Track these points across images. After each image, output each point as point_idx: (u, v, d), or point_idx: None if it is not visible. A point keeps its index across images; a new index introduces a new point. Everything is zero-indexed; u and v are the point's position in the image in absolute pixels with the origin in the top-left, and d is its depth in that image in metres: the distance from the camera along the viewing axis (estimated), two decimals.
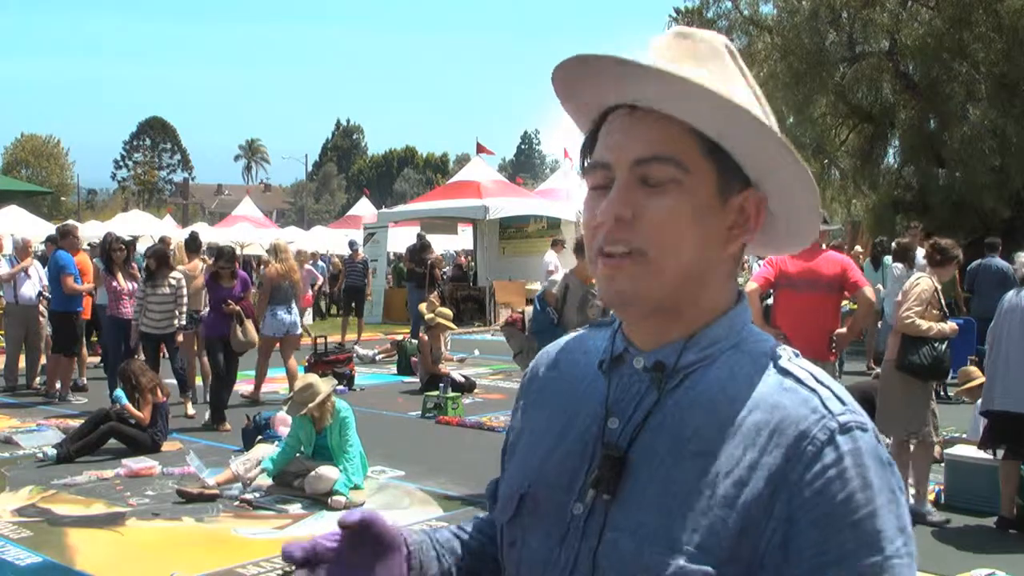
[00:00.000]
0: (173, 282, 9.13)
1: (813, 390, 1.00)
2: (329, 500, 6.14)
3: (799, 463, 0.95)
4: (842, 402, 1.00)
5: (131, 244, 10.69)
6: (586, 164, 1.08)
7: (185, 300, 9.26)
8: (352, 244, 18.01)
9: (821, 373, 1.04)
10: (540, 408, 1.17)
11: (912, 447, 6.06)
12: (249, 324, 9.07)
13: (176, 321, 9.17)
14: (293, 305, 9.89)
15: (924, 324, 5.83)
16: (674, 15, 21.23)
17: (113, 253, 9.73)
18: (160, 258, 9.17)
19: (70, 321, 10.21)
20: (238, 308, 8.99)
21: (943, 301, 6.15)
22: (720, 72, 1.05)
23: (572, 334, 1.24)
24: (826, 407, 0.98)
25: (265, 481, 6.55)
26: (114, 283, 9.65)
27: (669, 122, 1.02)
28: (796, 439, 0.97)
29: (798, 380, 1.01)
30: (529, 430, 1.17)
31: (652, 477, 1.01)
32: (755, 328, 1.09)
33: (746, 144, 1.03)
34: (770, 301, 6.54)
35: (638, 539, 0.99)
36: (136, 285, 9.56)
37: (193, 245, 10.67)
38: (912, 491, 5.90)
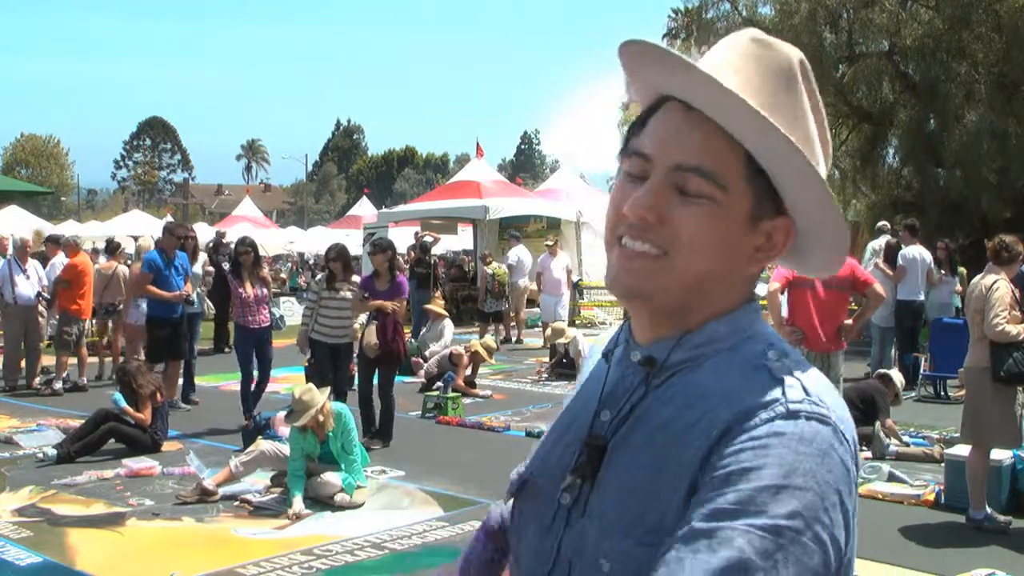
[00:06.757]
0: (355, 288, 8.37)
1: (780, 380, 0.97)
2: (335, 498, 6.16)
3: (730, 435, 0.94)
4: (807, 393, 0.96)
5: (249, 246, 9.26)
6: (627, 147, 1.06)
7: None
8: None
9: (801, 373, 0.99)
10: (569, 400, 1.20)
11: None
12: (369, 330, 7.97)
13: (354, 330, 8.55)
14: None
15: (1014, 329, 5.67)
16: (672, 15, 21.24)
17: (240, 257, 8.87)
18: (344, 261, 8.38)
19: (153, 327, 9.33)
20: (375, 305, 7.97)
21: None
22: (784, 94, 1.02)
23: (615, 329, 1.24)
24: (784, 395, 0.96)
25: (264, 480, 6.57)
26: (240, 290, 8.77)
27: (719, 134, 0.99)
28: (739, 415, 0.95)
29: (770, 373, 0.99)
30: (554, 421, 1.20)
31: (620, 466, 1.02)
32: (762, 330, 1.06)
33: (787, 177, 1.01)
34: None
35: (600, 526, 1.00)
36: (266, 291, 8.95)
37: (109, 248, 12.36)
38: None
